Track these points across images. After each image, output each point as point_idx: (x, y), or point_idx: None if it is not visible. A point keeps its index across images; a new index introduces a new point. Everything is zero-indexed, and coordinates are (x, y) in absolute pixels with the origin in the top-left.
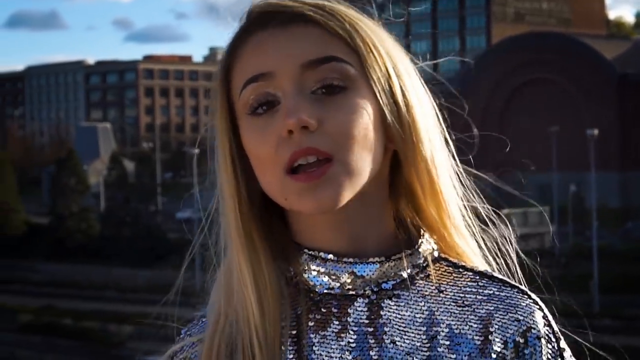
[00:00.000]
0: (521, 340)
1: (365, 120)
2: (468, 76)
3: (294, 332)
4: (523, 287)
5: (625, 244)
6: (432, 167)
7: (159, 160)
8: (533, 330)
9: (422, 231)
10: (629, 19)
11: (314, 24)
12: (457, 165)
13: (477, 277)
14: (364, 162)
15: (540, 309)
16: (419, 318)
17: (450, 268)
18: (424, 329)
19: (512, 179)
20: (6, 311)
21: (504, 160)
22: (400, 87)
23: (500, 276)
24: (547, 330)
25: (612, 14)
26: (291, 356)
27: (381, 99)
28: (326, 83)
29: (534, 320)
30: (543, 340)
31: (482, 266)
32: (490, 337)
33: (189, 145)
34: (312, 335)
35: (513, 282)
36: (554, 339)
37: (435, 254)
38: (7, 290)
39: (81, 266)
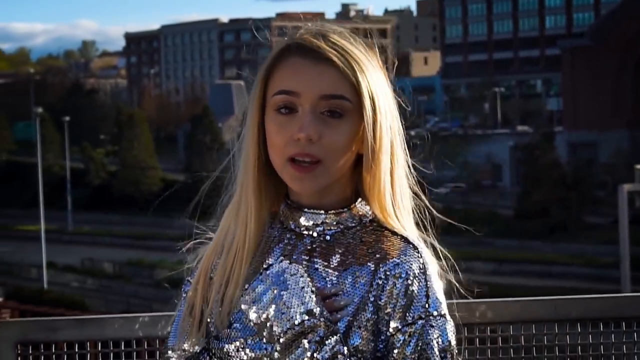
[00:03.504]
0: (395, 274)
1: (350, 140)
2: (602, 30)
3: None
4: (417, 244)
5: None
6: (386, 175)
7: None
8: (405, 272)
9: (359, 199)
10: None
11: (334, 67)
12: (409, 168)
13: (389, 234)
14: (341, 167)
15: (419, 258)
16: (339, 253)
17: (376, 226)
18: (341, 258)
19: None
20: (145, 266)
21: (637, 116)
22: (380, 122)
23: (405, 234)
24: (417, 273)
25: None
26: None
27: (367, 126)
28: (331, 109)
29: (409, 266)
30: (410, 280)
31: (405, 226)
32: (378, 271)
33: None
34: (275, 247)
35: (411, 240)
36: (423, 280)
37: (369, 215)
38: (145, 246)
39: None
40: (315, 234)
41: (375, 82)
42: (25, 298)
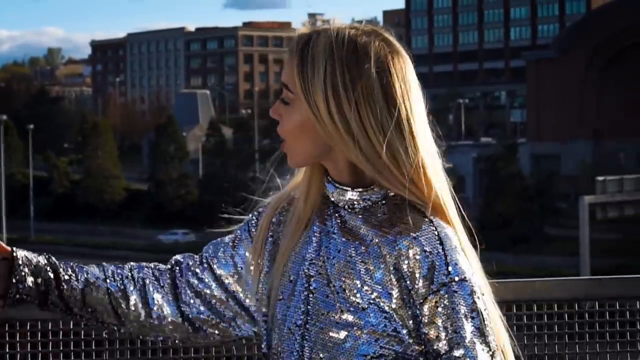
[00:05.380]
0: (409, 250)
1: (294, 124)
2: (567, 42)
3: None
4: (436, 221)
5: None
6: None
7: (257, 127)
8: (419, 245)
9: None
10: None
11: (290, 57)
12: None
13: (408, 208)
14: (306, 148)
15: (436, 235)
16: (362, 227)
17: (399, 200)
18: (364, 232)
19: (609, 146)
20: None
21: (601, 127)
22: (321, 117)
23: (423, 209)
24: (435, 249)
25: None
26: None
27: (308, 114)
28: (283, 96)
29: (422, 239)
30: (427, 253)
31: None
32: (395, 245)
33: None
34: (316, 216)
35: (430, 217)
36: (440, 250)
37: (390, 194)
38: (106, 256)
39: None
40: (344, 208)
41: (317, 77)
42: None
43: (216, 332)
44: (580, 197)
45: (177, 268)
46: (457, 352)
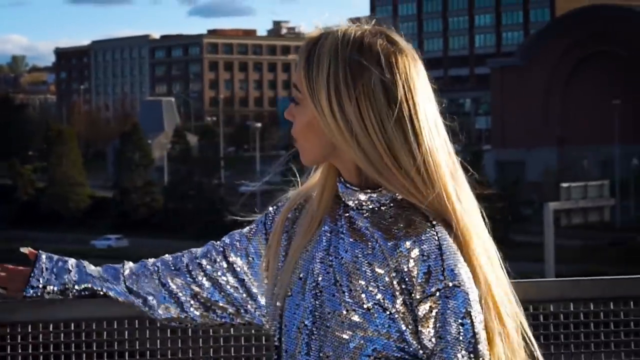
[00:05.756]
0: (411, 253)
1: (305, 123)
2: (531, 49)
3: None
4: (439, 227)
5: None
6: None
7: (222, 134)
8: (419, 249)
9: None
10: None
11: (304, 59)
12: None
13: (412, 212)
14: (316, 148)
15: (436, 240)
16: (368, 228)
17: (405, 204)
18: (369, 233)
19: (573, 153)
20: None
21: (566, 134)
22: (325, 117)
23: (427, 214)
24: (433, 254)
25: None
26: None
27: (314, 114)
28: (293, 96)
29: (422, 243)
30: (425, 257)
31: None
32: (397, 248)
33: (252, 120)
34: (327, 216)
35: (431, 219)
36: (438, 255)
37: (398, 197)
38: None
39: (145, 239)
40: (354, 209)
41: (319, 77)
42: None
43: (226, 314)
44: (544, 204)
45: (196, 252)
46: (439, 357)
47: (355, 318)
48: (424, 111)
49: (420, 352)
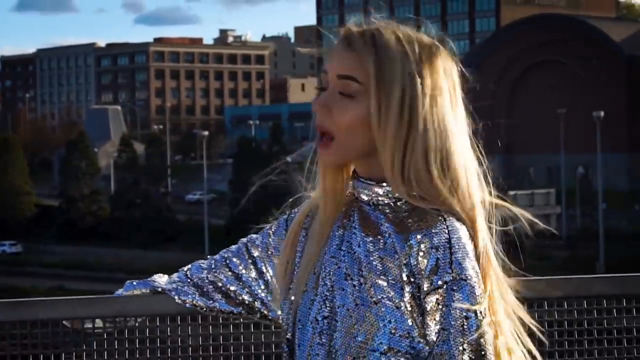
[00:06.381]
0: (420, 246)
1: (356, 117)
2: (477, 58)
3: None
4: (450, 221)
5: (633, 226)
6: (397, 151)
7: (169, 143)
8: (429, 241)
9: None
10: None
11: (353, 51)
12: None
13: (425, 207)
14: (358, 145)
15: (446, 233)
16: (382, 223)
17: (410, 204)
18: (382, 228)
19: (519, 161)
20: (17, 293)
21: (512, 142)
22: (390, 107)
23: (436, 207)
24: (442, 247)
25: None
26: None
27: (374, 107)
28: (343, 90)
29: (432, 236)
30: (434, 250)
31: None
32: (408, 241)
33: (199, 128)
34: (341, 213)
35: (443, 213)
36: (447, 249)
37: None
38: (19, 272)
39: (91, 248)
40: (369, 204)
41: (393, 69)
42: None
43: (243, 306)
44: None
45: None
46: (440, 349)
47: (364, 312)
48: (462, 111)
49: (427, 348)
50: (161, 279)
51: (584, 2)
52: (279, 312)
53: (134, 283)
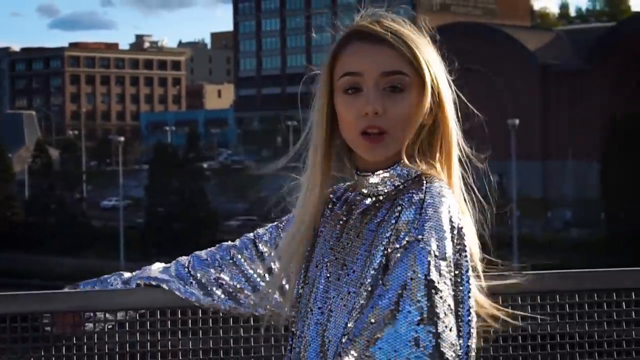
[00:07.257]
0: (399, 207)
1: (412, 111)
2: None
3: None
4: (430, 184)
5: (546, 233)
6: (450, 138)
7: (84, 148)
8: (406, 201)
9: (403, 162)
10: (554, 10)
11: (390, 46)
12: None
13: (417, 180)
14: (405, 137)
15: (421, 188)
16: (380, 210)
17: (416, 180)
18: (380, 215)
19: None
20: None
21: None
22: (438, 89)
23: (430, 175)
24: (415, 201)
25: (537, 5)
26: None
27: (426, 98)
28: (392, 84)
29: (410, 194)
30: (406, 207)
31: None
32: (395, 207)
33: (115, 133)
34: (345, 206)
35: (425, 176)
36: (418, 209)
37: (413, 173)
38: None
39: (5, 254)
40: (368, 196)
41: (429, 55)
42: None
43: (251, 302)
44: None
45: (228, 243)
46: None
47: (357, 298)
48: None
49: None
50: (163, 275)
51: (499, 10)
52: (286, 308)
53: (133, 275)
